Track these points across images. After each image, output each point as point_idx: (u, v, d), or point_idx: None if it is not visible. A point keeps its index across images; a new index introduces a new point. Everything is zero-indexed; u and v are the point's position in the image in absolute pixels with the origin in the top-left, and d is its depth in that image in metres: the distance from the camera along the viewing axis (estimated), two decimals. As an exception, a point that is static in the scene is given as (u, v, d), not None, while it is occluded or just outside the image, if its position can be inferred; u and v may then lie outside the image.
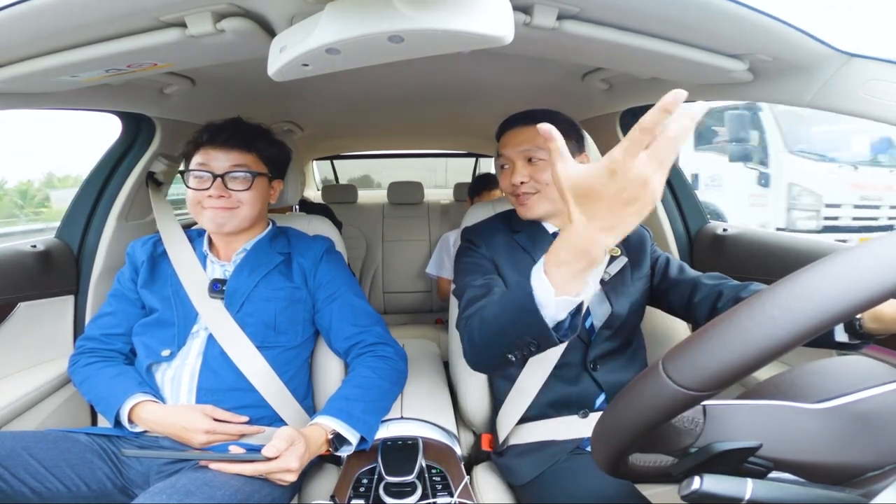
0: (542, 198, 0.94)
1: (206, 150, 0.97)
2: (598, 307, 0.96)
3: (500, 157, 0.98)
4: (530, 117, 0.96)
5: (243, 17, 0.64)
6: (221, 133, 0.98)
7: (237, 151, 0.98)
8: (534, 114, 0.96)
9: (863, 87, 0.74)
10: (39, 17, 0.60)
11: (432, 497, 0.79)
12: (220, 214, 0.97)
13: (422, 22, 0.52)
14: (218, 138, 0.97)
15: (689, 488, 0.35)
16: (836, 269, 0.30)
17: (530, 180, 0.93)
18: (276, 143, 1.07)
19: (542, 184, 0.93)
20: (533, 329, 0.58)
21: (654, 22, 0.69)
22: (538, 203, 0.95)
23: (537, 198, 0.94)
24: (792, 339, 0.30)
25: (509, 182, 0.96)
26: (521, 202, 0.96)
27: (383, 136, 2.46)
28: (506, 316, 0.64)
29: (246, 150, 0.99)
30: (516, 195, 0.96)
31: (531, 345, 0.61)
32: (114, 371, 0.96)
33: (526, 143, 0.94)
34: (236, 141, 0.98)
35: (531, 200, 0.95)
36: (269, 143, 1.05)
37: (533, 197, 0.94)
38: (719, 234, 1.31)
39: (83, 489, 0.81)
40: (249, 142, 1.00)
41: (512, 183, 0.95)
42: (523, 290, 0.58)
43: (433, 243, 2.50)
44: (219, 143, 0.97)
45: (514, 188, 0.95)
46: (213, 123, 1.01)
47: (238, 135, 0.99)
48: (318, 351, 1.10)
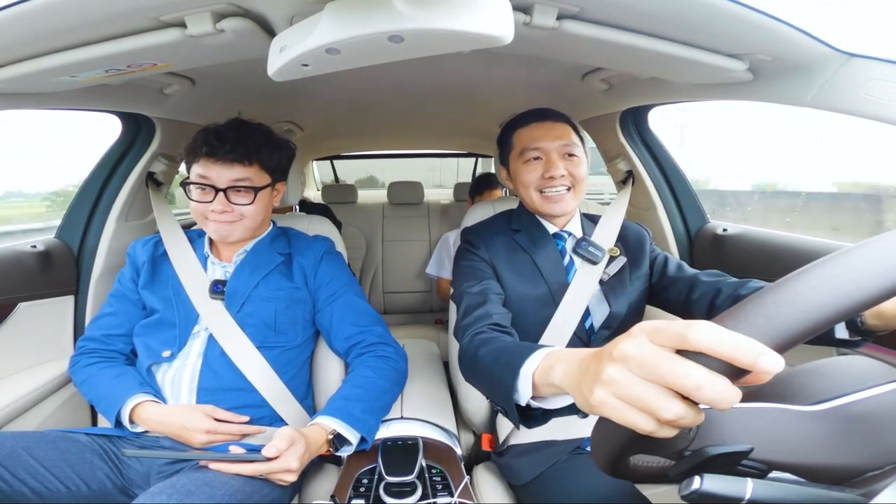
0: (574, 194, 0.96)
1: (205, 162, 0.94)
2: (597, 307, 0.96)
3: (531, 151, 0.95)
4: (556, 114, 0.98)
5: (243, 17, 0.64)
6: (222, 146, 0.93)
7: (239, 165, 0.94)
8: (557, 112, 0.98)
9: (863, 87, 0.74)
10: (39, 17, 0.60)
11: (432, 497, 0.79)
12: (225, 227, 0.97)
13: (422, 22, 0.52)
14: (218, 151, 0.93)
15: (688, 488, 0.35)
16: (833, 270, 0.30)
17: (567, 175, 0.94)
18: (279, 148, 1.02)
19: (578, 179, 0.94)
20: (504, 404, 0.59)
21: (654, 22, 0.69)
22: (571, 200, 0.96)
23: (570, 195, 0.95)
24: (791, 339, 0.30)
25: (539, 175, 0.95)
26: (554, 199, 0.95)
27: (383, 136, 2.45)
28: (491, 374, 0.64)
29: (248, 164, 0.95)
30: (542, 191, 0.95)
31: (500, 410, 0.62)
32: (115, 371, 0.96)
33: (564, 138, 0.94)
34: (237, 154, 0.94)
35: (566, 197, 0.95)
36: (271, 150, 1.00)
37: (567, 194, 0.95)
38: (719, 234, 1.31)
39: (83, 489, 0.81)
40: (251, 154, 0.95)
41: (549, 176, 0.93)
42: (510, 369, 0.56)
43: (433, 243, 2.50)
44: (218, 156, 0.93)
45: (545, 182, 0.94)
46: (212, 130, 0.95)
47: (239, 146, 0.94)
48: (319, 351, 1.10)
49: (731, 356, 0.29)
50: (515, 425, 0.59)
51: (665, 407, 0.32)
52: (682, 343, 0.31)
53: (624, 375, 0.34)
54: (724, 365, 0.30)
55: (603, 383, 0.36)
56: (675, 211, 1.43)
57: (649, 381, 0.33)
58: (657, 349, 0.33)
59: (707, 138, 7.92)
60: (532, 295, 0.95)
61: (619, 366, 0.35)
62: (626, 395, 0.34)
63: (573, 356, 0.46)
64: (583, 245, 0.98)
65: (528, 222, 1.01)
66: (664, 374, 0.32)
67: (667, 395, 0.32)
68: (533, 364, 0.54)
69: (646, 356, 0.33)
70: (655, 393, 0.32)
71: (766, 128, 6.70)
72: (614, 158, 1.44)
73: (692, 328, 0.31)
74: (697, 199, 1.44)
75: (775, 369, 0.29)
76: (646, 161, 1.41)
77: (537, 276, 0.96)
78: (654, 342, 0.33)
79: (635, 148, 1.40)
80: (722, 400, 0.30)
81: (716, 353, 0.30)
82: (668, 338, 0.32)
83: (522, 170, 0.97)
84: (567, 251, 1.00)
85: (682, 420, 0.32)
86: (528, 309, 0.95)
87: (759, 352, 0.29)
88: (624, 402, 0.34)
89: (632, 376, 0.34)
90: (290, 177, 1.16)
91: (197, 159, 0.95)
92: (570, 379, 0.44)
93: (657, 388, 0.32)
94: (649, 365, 0.33)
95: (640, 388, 0.33)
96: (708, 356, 0.30)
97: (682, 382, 0.31)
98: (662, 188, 1.42)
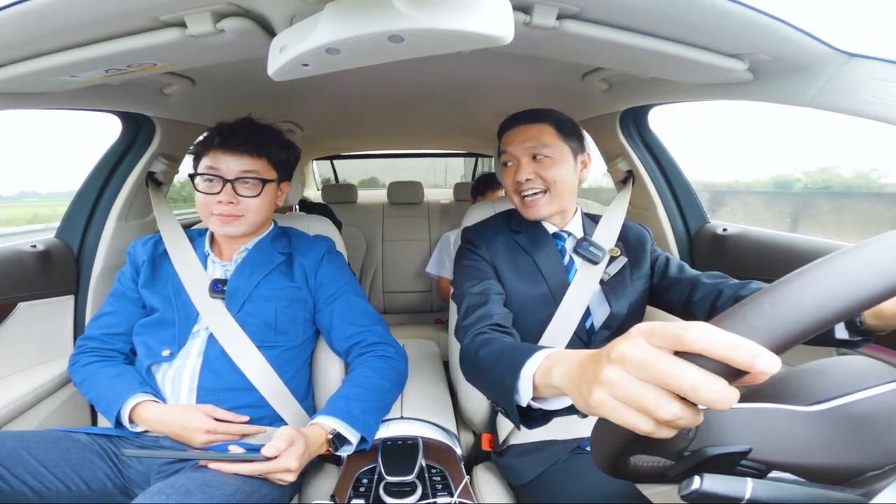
0: (550, 198, 0.94)
1: (216, 153, 0.96)
2: (598, 307, 0.96)
3: (504, 155, 0.97)
4: (534, 115, 0.96)
5: (243, 17, 0.64)
6: (234, 137, 0.96)
7: (248, 157, 0.97)
8: (537, 112, 0.96)
9: (863, 87, 0.74)
10: (39, 17, 0.60)
11: (432, 497, 0.79)
12: (229, 220, 0.97)
13: (422, 22, 0.52)
14: (230, 143, 0.96)
15: (688, 488, 0.35)
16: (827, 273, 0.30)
17: (536, 178, 0.93)
18: (287, 146, 1.05)
19: (549, 181, 0.93)
20: (505, 405, 0.59)
21: (654, 21, 0.69)
22: (546, 204, 0.95)
23: (546, 199, 0.94)
24: (788, 340, 0.30)
25: (513, 180, 0.95)
26: (528, 204, 0.95)
27: (383, 136, 2.45)
28: (493, 375, 0.64)
29: (257, 156, 0.98)
30: (521, 196, 0.95)
31: (501, 411, 0.63)
32: (114, 371, 0.96)
33: (531, 140, 0.93)
34: (248, 146, 0.96)
35: (540, 202, 0.94)
36: (280, 147, 1.02)
37: (541, 198, 0.94)
38: (719, 234, 1.31)
39: (83, 489, 0.81)
40: (261, 147, 0.98)
41: (517, 181, 0.94)
42: (511, 370, 0.57)
43: (433, 243, 2.50)
44: (230, 147, 0.96)
45: (518, 186, 0.95)
46: (225, 125, 0.98)
47: (250, 140, 0.97)
48: (319, 351, 1.10)
49: (727, 357, 0.30)
50: (516, 426, 0.59)
51: (662, 407, 0.32)
52: (679, 344, 0.32)
53: (622, 377, 0.34)
54: (721, 366, 0.30)
55: (601, 384, 0.36)
56: (675, 211, 1.42)
57: (647, 382, 0.33)
58: (654, 350, 0.33)
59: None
60: (532, 295, 0.95)
61: (617, 367, 0.35)
62: (624, 395, 0.34)
63: (572, 358, 0.46)
64: (583, 245, 0.98)
65: (528, 222, 1.01)
66: (661, 375, 0.32)
67: (664, 395, 0.32)
68: (534, 365, 0.54)
69: (643, 357, 0.33)
70: (653, 394, 0.33)
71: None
72: (614, 158, 1.44)
73: (688, 329, 0.31)
74: (697, 199, 1.44)
75: (772, 370, 0.29)
76: (646, 161, 1.40)
77: (538, 275, 0.96)
78: (652, 343, 0.33)
79: (635, 148, 1.40)
80: (719, 401, 0.30)
81: (712, 353, 0.30)
82: (665, 339, 0.33)
83: (503, 175, 0.99)
84: (567, 251, 1.00)
85: (679, 421, 0.32)
86: (529, 309, 0.95)
87: (755, 352, 0.29)
88: (622, 402, 0.34)
89: (629, 377, 0.34)
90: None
91: (208, 151, 0.97)
92: (568, 380, 0.44)
93: (655, 389, 0.33)
94: (646, 366, 0.33)
95: (638, 389, 0.33)
96: (705, 357, 0.30)
97: (679, 383, 0.31)
98: (662, 188, 1.41)
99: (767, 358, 0.29)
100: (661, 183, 1.42)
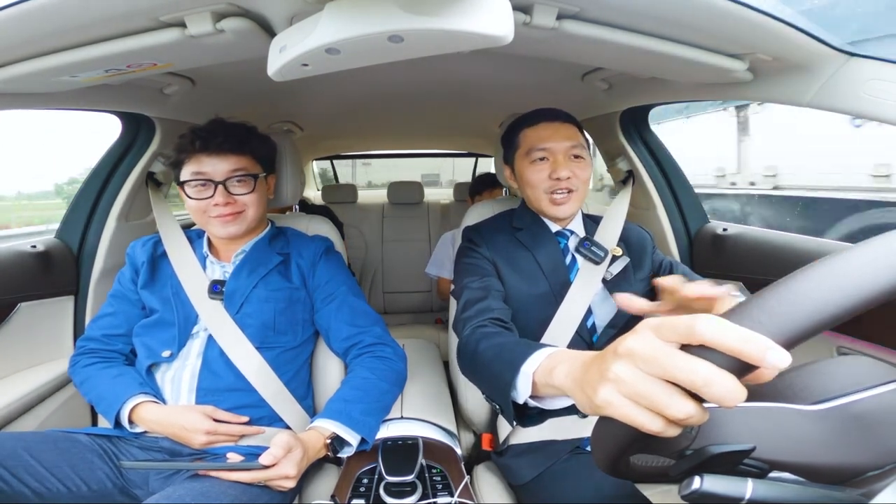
0: (578, 197, 0.96)
1: (199, 157, 0.95)
2: (601, 306, 0.96)
3: (539, 151, 0.95)
4: (564, 115, 0.98)
5: (243, 17, 0.64)
6: (214, 138, 0.95)
7: (233, 155, 0.97)
8: (566, 113, 0.98)
9: (863, 87, 0.74)
10: (39, 17, 0.60)
11: (432, 497, 0.79)
12: (230, 219, 0.97)
13: (422, 22, 0.52)
14: (211, 144, 0.95)
15: (689, 488, 0.35)
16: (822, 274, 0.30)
17: (573, 177, 0.94)
18: (264, 140, 1.07)
19: (583, 182, 0.95)
20: (501, 400, 0.59)
21: (654, 21, 0.69)
22: (573, 204, 0.96)
23: (573, 198, 0.95)
24: (794, 336, 0.30)
25: (546, 176, 0.94)
26: (559, 202, 0.95)
27: (383, 136, 2.46)
28: (491, 370, 0.64)
29: (241, 153, 0.98)
30: (552, 193, 0.95)
31: (495, 406, 0.63)
32: (114, 371, 0.96)
33: (572, 140, 0.94)
34: (230, 144, 0.96)
35: (571, 200, 0.95)
36: (260, 142, 1.04)
37: (572, 196, 0.95)
38: (719, 234, 1.31)
39: (83, 489, 0.81)
40: (243, 144, 0.99)
41: (557, 177, 0.93)
42: (511, 366, 0.56)
43: (433, 243, 2.50)
44: (212, 148, 0.95)
45: (556, 184, 0.94)
46: (199, 127, 0.98)
47: (231, 138, 0.97)
48: (318, 351, 1.10)
49: (738, 350, 0.29)
50: (510, 422, 0.59)
51: (674, 405, 0.31)
52: (689, 336, 0.31)
53: (631, 372, 0.33)
54: (731, 361, 0.29)
55: (609, 381, 0.35)
56: (675, 211, 1.42)
57: (657, 377, 0.32)
58: (664, 345, 0.32)
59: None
60: (533, 293, 0.95)
61: (626, 362, 0.34)
62: (633, 392, 0.33)
63: (576, 358, 0.45)
64: (585, 244, 0.98)
65: (530, 221, 1.01)
66: (672, 369, 0.31)
67: (676, 392, 0.31)
68: (534, 363, 0.54)
69: (653, 352, 0.32)
70: (664, 390, 0.32)
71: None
72: (615, 158, 1.44)
73: (699, 321, 0.30)
74: (697, 199, 1.44)
75: (782, 365, 0.28)
76: (646, 161, 1.40)
77: (539, 274, 0.96)
78: (661, 337, 0.32)
79: (635, 148, 1.40)
80: (729, 397, 0.29)
81: (722, 346, 0.29)
82: (675, 332, 0.32)
83: (529, 170, 0.97)
84: (569, 250, 1.00)
85: (690, 419, 0.31)
86: (530, 307, 0.95)
87: (766, 346, 0.28)
88: (630, 400, 0.33)
89: (639, 373, 0.33)
90: (290, 176, 1.16)
91: (189, 157, 0.96)
92: (572, 380, 0.44)
93: (665, 384, 0.32)
94: (657, 360, 0.32)
95: (648, 385, 0.32)
96: (714, 352, 0.30)
97: (691, 378, 0.30)
98: (662, 188, 1.41)
99: (778, 352, 0.28)
100: (661, 183, 1.42)
